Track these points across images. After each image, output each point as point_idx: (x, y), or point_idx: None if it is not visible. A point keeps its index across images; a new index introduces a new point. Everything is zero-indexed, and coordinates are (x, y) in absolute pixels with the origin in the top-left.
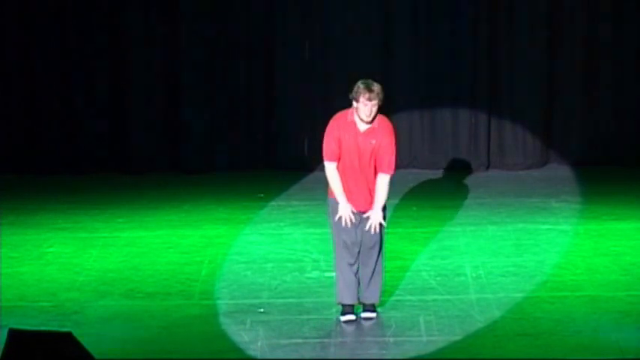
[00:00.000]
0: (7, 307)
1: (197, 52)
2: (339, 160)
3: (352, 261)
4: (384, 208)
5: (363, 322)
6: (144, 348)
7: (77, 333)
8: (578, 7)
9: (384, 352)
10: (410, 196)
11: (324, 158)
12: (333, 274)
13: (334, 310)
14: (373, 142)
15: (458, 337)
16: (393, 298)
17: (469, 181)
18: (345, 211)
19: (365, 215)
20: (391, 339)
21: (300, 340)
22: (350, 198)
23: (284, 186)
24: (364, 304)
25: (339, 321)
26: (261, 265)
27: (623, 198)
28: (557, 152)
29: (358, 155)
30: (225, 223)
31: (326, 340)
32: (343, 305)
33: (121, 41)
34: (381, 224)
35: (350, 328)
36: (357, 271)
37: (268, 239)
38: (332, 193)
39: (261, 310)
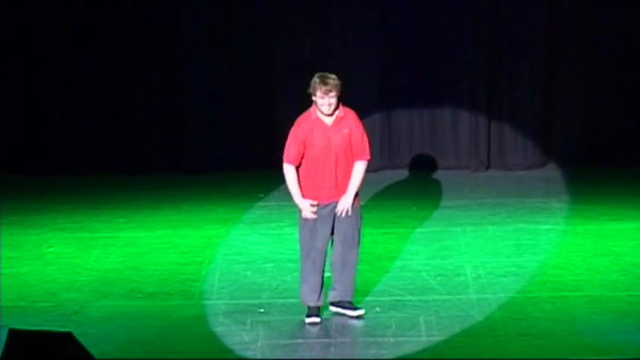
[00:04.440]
0: (7, 307)
1: (197, 52)
2: (299, 161)
3: (323, 261)
4: (358, 202)
5: (356, 320)
6: (144, 348)
7: (77, 333)
8: (578, 7)
9: (384, 352)
10: (410, 196)
11: (285, 160)
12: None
13: (334, 310)
14: (345, 131)
15: (458, 337)
16: (393, 298)
17: (469, 181)
18: (306, 206)
19: (338, 205)
20: (391, 339)
21: (300, 340)
22: (330, 192)
23: (284, 186)
24: (342, 302)
25: (305, 323)
26: (261, 265)
27: (623, 198)
28: (557, 152)
29: (333, 149)
30: (225, 223)
31: (326, 340)
32: (309, 307)
33: (121, 41)
34: (357, 216)
35: (350, 329)
36: (323, 271)
37: (268, 239)
38: (304, 194)
39: (262, 310)
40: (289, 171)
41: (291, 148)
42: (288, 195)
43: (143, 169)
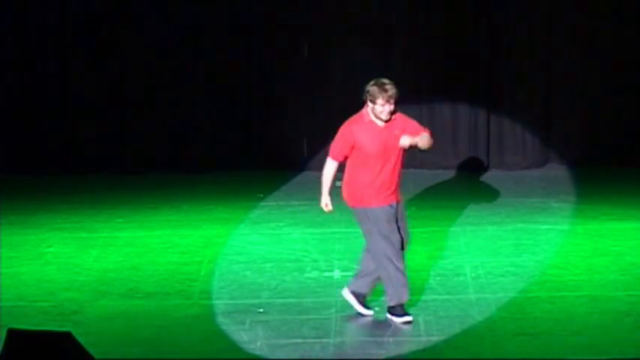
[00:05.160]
0: (7, 307)
1: (197, 52)
2: (343, 159)
3: (401, 260)
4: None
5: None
6: (143, 348)
7: (76, 333)
8: (578, 7)
9: (384, 352)
10: (410, 196)
11: (330, 155)
12: (382, 273)
13: (333, 310)
14: (397, 132)
15: (457, 337)
16: None
17: (469, 181)
18: (327, 201)
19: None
20: (391, 339)
21: (299, 340)
22: (386, 192)
23: (283, 186)
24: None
25: (398, 323)
26: (261, 265)
27: (623, 198)
28: (557, 152)
29: (387, 150)
30: (225, 223)
31: (325, 340)
32: (401, 306)
33: (121, 41)
34: (406, 217)
35: (349, 328)
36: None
37: (267, 239)
38: (371, 202)
39: (261, 310)
40: (331, 166)
41: (338, 146)
42: (288, 195)
43: (143, 169)
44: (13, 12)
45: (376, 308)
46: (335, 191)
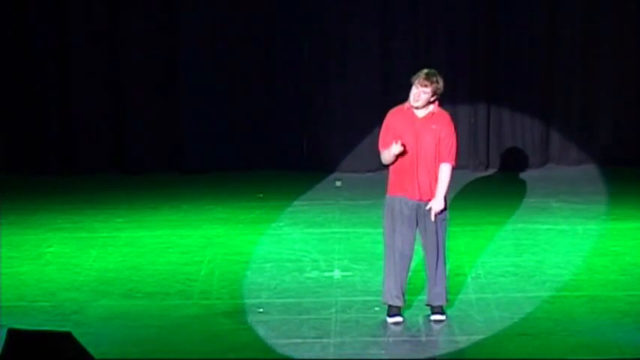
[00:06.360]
0: (7, 307)
1: (197, 51)
2: None
3: (404, 262)
4: (445, 203)
5: (433, 324)
6: (143, 348)
7: (76, 333)
8: (578, 6)
9: (384, 352)
10: None
11: (380, 147)
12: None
13: (333, 310)
14: (434, 126)
15: (457, 337)
16: None
17: (470, 181)
18: (393, 147)
19: (427, 206)
20: (391, 339)
21: (299, 340)
22: (414, 186)
23: (283, 186)
24: (432, 307)
25: (386, 322)
26: (261, 265)
27: (623, 198)
28: (557, 152)
29: (419, 141)
30: (225, 223)
31: (325, 340)
32: (389, 306)
33: (121, 41)
34: (440, 220)
35: (349, 328)
36: (407, 272)
37: (267, 239)
38: (391, 190)
39: (261, 310)
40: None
41: (384, 137)
42: (288, 195)
43: (143, 168)
44: (14, 11)
45: (376, 308)
46: (334, 191)
